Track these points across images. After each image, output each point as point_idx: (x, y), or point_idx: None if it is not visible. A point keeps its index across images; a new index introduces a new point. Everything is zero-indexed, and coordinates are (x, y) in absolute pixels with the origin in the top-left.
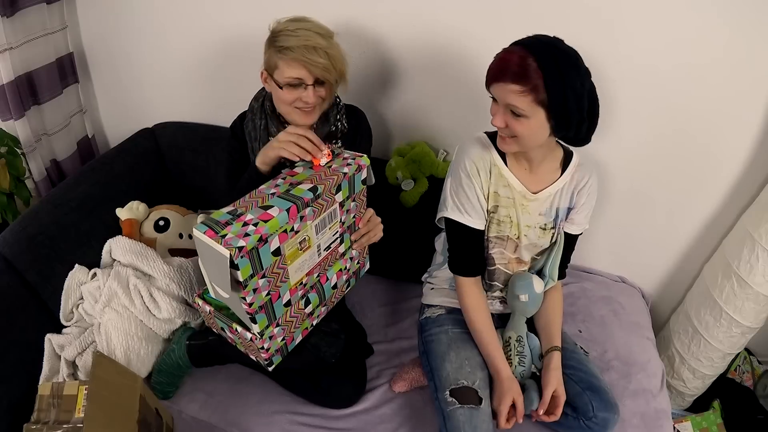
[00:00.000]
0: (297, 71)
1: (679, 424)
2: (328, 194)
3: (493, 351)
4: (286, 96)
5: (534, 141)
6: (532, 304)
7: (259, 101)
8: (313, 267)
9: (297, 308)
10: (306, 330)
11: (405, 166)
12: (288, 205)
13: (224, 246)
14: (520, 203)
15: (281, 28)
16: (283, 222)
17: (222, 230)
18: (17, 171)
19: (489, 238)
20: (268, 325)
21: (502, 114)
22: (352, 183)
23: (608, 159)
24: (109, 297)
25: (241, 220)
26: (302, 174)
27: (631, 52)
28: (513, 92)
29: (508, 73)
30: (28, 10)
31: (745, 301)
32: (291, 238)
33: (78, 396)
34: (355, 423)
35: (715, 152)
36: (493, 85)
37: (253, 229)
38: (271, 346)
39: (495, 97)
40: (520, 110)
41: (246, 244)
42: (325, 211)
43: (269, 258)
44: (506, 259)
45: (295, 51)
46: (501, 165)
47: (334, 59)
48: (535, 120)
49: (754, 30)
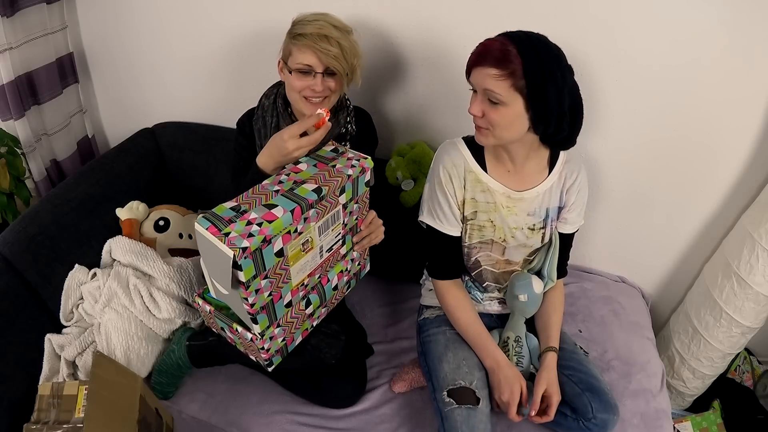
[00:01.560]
0: (308, 58)
1: (679, 424)
2: (332, 196)
3: (485, 341)
4: (296, 83)
5: (510, 133)
6: (532, 304)
7: (270, 98)
8: (315, 268)
9: (298, 309)
10: (306, 331)
11: (405, 166)
12: (293, 206)
13: (228, 245)
14: (504, 206)
15: (301, 18)
16: (287, 223)
17: (225, 227)
18: (17, 171)
19: (472, 245)
20: (269, 325)
21: (480, 102)
22: (355, 185)
23: (608, 159)
24: (109, 297)
25: (245, 218)
26: (306, 172)
27: (632, 52)
28: (491, 76)
29: (488, 58)
30: (28, 10)
31: (745, 301)
32: (294, 239)
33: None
34: (355, 423)
35: (715, 152)
36: (473, 71)
37: (258, 230)
38: (271, 346)
39: (474, 84)
40: (497, 96)
41: (250, 244)
42: (328, 213)
43: (272, 259)
44: (493, 260)
45: (308, 38)
46: (478, 170)
47: (345, 50)
48: (513, 109)
49: (755, 30)
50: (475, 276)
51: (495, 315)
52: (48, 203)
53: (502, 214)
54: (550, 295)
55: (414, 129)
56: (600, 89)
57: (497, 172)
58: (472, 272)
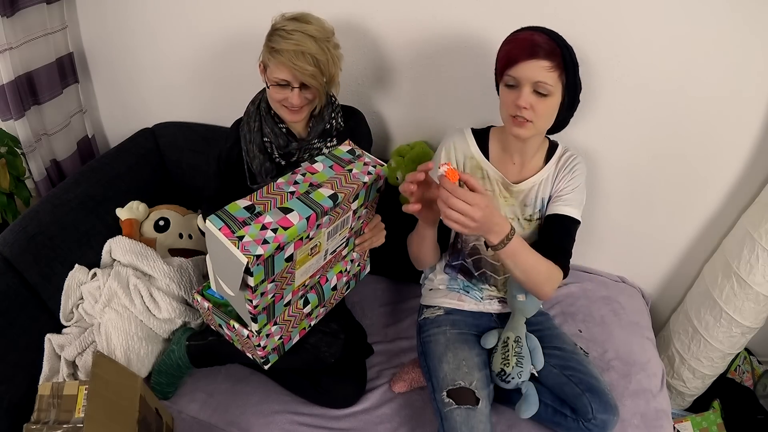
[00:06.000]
0: (283, 74)
1: (679, 424)
2: (345, 203)
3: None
4: (275, 95)
5: (548, 122)
6: (531, 304)
7: (255, 104)
8: (317, 270)
9: (295, 308)
10: (304, 330)
11: (405, 166)
12: (308, 213)
13: (242, 251)
14: (502, 195)
15: (279, 26)
16: (302, 230)
17: (239, 230)
18: (17, 171)
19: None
20: (266, 323)
21: (527, 95)
22: (368, 192)
23: (608, 159)
24: (109, 297)
25: (259, 221)
26: (322, 174)
27: (633, 51)
28: (544, 68)
29: (539, 50)
30: (28, 10)
31: (745, 301)
32: (305, 245)
33: (78, 396)
34: (355, 423)
35: (716, 152)
36: (520, 64)
37: (272, 236)
38: (267, 344)
39: (519, 78)
40: (548, 87)
41: (264, 252)
42: (339, 219)
43: (282, 264)
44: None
45: (284, 55)
46: (480, 157)
47: (322, 65)
48: (556, 99)
49: (755, 29)
50: (473, 262)
51: (495, 315)
52: (48, 203)
53: (499, 202)
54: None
55: (414, 129)
56: (600, 88)
57: (500, 162)
58: (469, 258)
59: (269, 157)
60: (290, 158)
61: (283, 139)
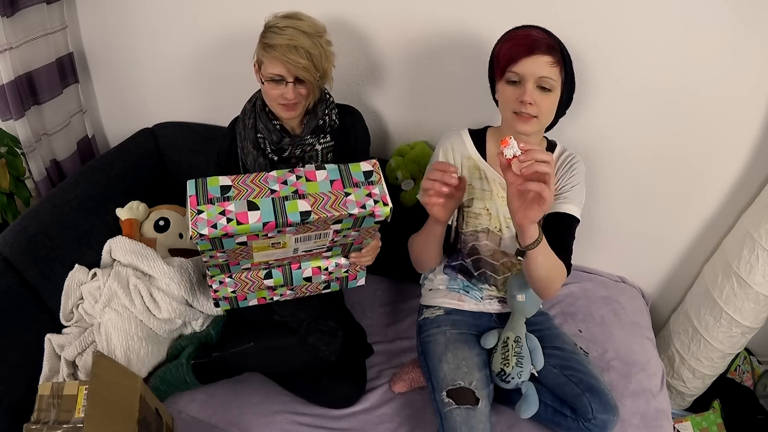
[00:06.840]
0: (278, 69)
1: (679, 424)
2: (320, 223)
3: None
4: (270, 92)
5: (549, 119)
6: (531, 304)
7: (251, 102)
8: (285, 257)
9: (255, 275)
10: (263, 299)
11: (405, 166)
12: (269, 219)
13: (191, 225)
14: (500, 195)
15: (272, 23)
16: (256, 231)
17: (202, 204)
18: (17, 171)
19: (467, 233)
20: (220, 274)
21: (531, 91)
22: (358, 221)
23: (608, 158)
24: (109, 297)
25: (223, 206)
26: (316, 185)
27: (633, 51)
28: (547, 63)
29: (541, 47)
30: (28, 10)
31: (745, 301)
32: (263, 240)
33: (78, 396)
34: (355, 423)
35: (716, 152)
36: (524, 60)
37: (224, 224)
38: (220, 290)
39: (523, 74)
40: (551, 82)
41: (209, 234)
42: (312, 232)
43: (233, 245)
44: (490, 251)
45: (278, 50)
46: (477, 158)
47: (315, 59)
48: (557, 94)
49: (755, 30)
50: (472, 262)
51: (495, 315)
52: (48, 203)
53: (498, 203)
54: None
55: (414, 129)
56: (600, 88)
57: (497, 162)
58: (468, 259)
59: (263, 152)
60: (282, 153)
61: (276, 135)
